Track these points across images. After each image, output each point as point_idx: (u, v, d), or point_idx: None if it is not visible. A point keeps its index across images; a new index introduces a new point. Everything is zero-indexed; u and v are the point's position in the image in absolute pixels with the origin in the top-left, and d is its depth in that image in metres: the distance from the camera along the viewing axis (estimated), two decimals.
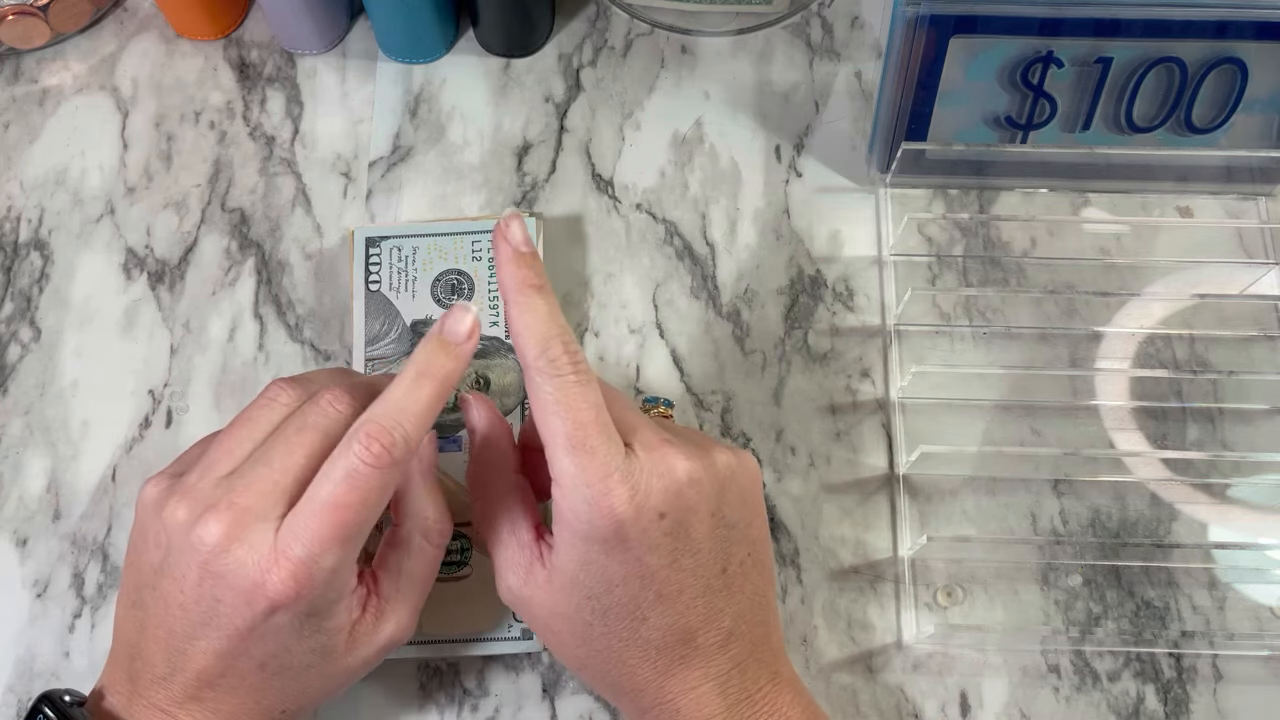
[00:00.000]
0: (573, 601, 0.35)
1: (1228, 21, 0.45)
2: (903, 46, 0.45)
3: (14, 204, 0.53)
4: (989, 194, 0.52)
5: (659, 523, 0.34)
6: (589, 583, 0.34)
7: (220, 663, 0.34)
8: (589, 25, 0.56)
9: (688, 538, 0.34)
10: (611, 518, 0.33)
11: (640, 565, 0.34)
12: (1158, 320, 0.49)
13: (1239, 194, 0.51)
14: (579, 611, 0.35)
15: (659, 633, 0.35)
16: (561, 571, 0.35)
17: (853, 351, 0.49)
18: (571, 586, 0.35)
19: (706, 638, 0.35)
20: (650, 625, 0.35)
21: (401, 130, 0.54)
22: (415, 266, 0.48)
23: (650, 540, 0.34)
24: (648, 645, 0.35)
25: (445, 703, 0.43)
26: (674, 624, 0.35)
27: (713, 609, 0.35)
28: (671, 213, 0.52)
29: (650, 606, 0.34)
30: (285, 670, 0.35)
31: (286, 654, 0.34)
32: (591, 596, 0.35)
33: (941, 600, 0.44)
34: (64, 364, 0.49)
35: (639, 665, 0.35)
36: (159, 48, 0.56)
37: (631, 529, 0.33)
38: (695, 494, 0.34)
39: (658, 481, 0.34)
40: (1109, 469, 0.46)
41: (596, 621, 0.35)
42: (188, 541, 0.33)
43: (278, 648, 0.34)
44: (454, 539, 0.44)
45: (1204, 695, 0.43)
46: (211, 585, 0.33)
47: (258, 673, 0.34)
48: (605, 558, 0.34)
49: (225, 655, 0.34)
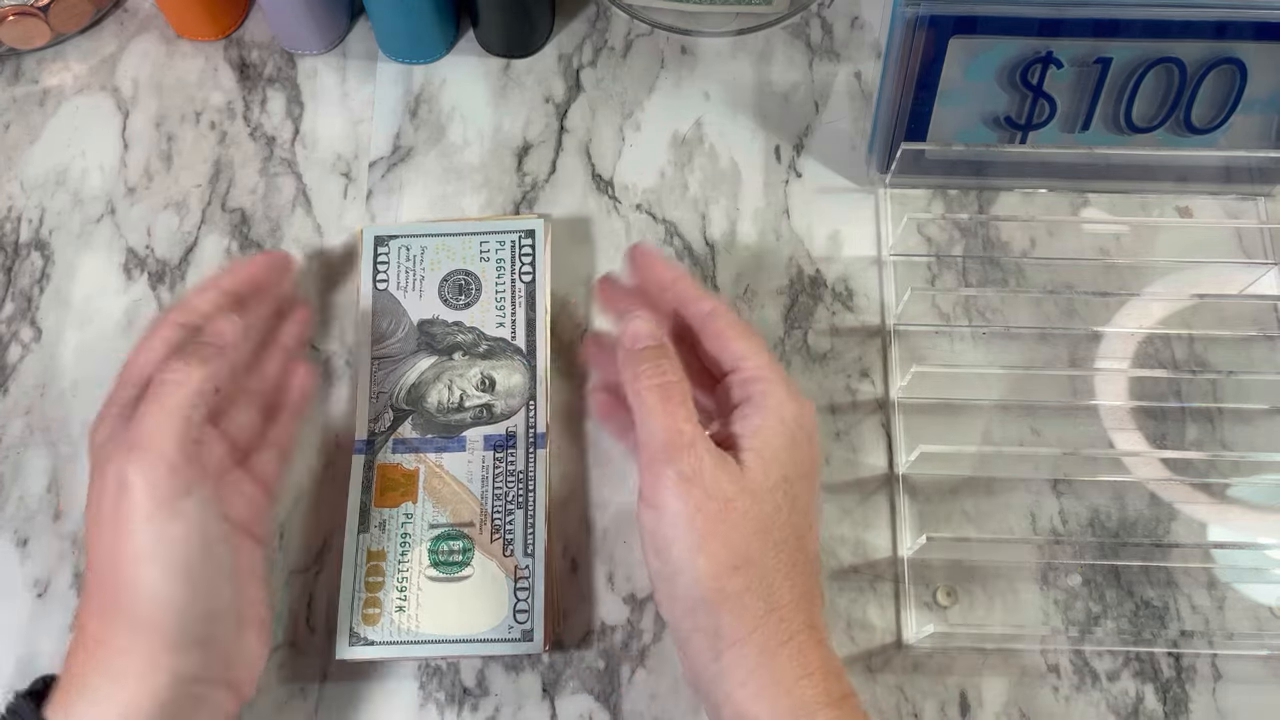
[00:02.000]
0: (770, 480, 0.36)
1: (1227, 22, 0.45)
2: (902, 47, 0.45)
3: (14, 204, 0.53)
4: (989, 194, 0.52)
5: (814, 436, 0.38)
6: (790, 463, 0.37)
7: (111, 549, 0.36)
8: (589, 26, 0.56)
9: (814, 470, 0.39)
10: (805, 409, 0.38)
11: (814, 465, 0.38)
12: (1157, 320, 0.49)
13: (1238, 194, 0.51)
14: (773, 493, 0.36)
15: (811, 553, 0.37)
16: (762, 451, 0.36)
17: (852, 351, 0.49)
18: (771, 464, 0.36)
19: (807, 565, 0.37)
20: (810, 538, 0.37)
21: (402, 130, 0.54)
22: (423, 266, 0.48)
23: (815, 448, 0.38)
24: (806, 558, 0.37)
25: (445, 703, 0.43)
26: (813, 558, 0.37)
27: (811, 541, 0.38)
28: (671, 213, 0.52)
29: (815, 515, 0.38)
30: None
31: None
32: (789, 479, 0.37)
33: (941, 600, 0.44)
34: (64, 364, 0.49)
35: (796, 578, 0.36)
36: (159, 48, 0.56)
37: (811, 429, 0.38)
38: (815, 431, 0.39)
39: (812, 418, 0.39)
40: (1108, 469, 0.46)
41: (785, 505, 0.36)
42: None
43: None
44: (456, 539, 0.44)
45: (1203, 695, 0.43)
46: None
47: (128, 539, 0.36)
48: (803, 443, 0.37)
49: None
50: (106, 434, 0.38)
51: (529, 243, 0.49)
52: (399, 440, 0.46)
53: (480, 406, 0.46)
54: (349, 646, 0.42)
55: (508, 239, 0.49)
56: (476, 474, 0.45)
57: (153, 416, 0.36)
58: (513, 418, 0.46)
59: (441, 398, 0.46)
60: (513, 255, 0.48)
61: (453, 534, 0.44)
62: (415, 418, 0.46)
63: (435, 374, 0.47)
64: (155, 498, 0.35)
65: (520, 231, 0.49)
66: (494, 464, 0.45)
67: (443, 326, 0.48)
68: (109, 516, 0.36)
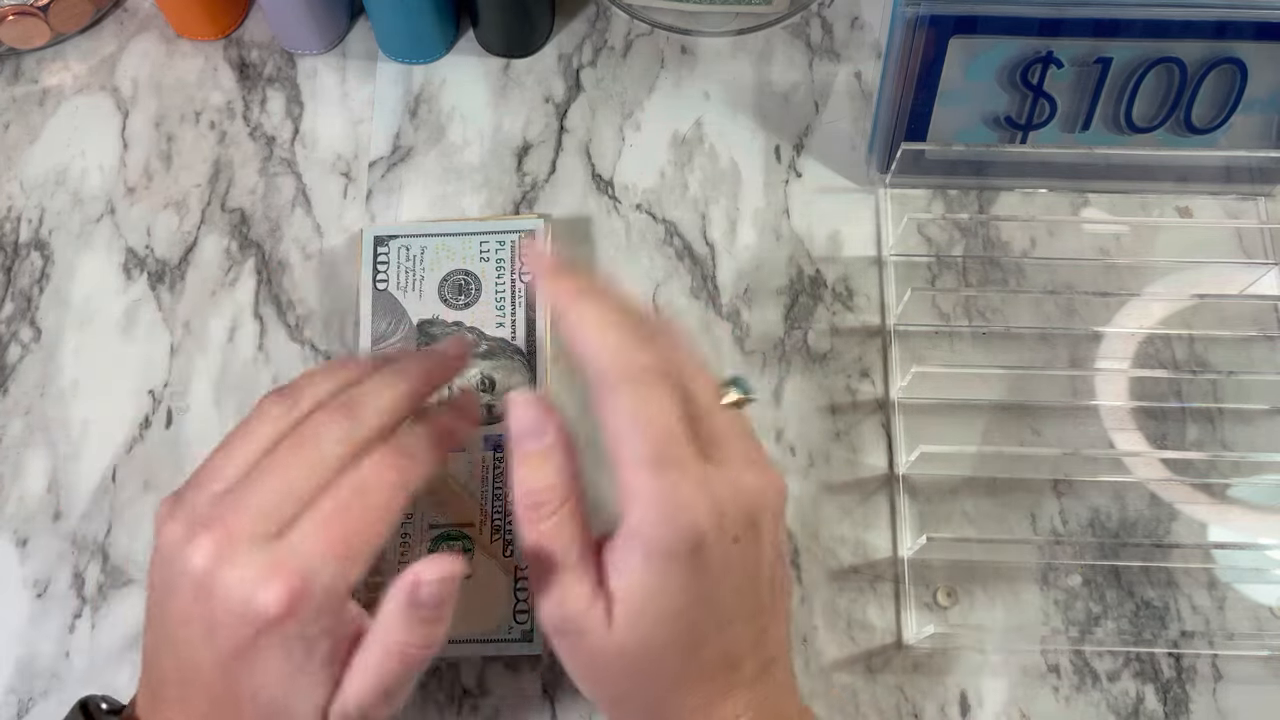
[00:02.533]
0: (638, 631, 0.32)
1: (1227, 21, 0.45)
2: (903, 46, 0.45)
3: (14, 204, 0.53)
4: (989, 194, 0.52)
5: (734, 546, 0.32)
6: (658, 608, 0.32)
7: (221, 682, 0.33)
8: (589, 25, 0.56)
9: (752, 563, 0.33)
10: (694, 534, 0.31)
11: (711, 588, 0.32)
12: (1157, 320, 0.49)
13: (1239, 194, 0.51)
14: (641, 642, 0.33)
15: (711, 663, 0.33)
16: (629, 598, 0.32)
17: (852, 351, 0.49)
18: (639, 615, 0.32)
19: (751, 665, 0.34)
20: (704, 654, 0.33)
21: (401, 130, 0.54)
22: (423, 266, 0.48)
23: (725, 561, 0.32)
24: (698, 676, 0.33)
25: (445, 702, 0.43)
26: (726, 651, 0.33)
27: (762, 634, 0.34)
28: (671, 213, 0.52)
29: (706, 636, 0.33)
30: (275, 713, 0.33)
31: (271, 688, 0.32)
32: (659, 623, 0.32)
33: (941, 600, 0.44)
34: (64, 364, 0.49)
35: (686, 696, 0.33)
36: (159, 48, 0.56)
37: (712, 549, 0.31)
38: (763, 518, 0.33)
39: (734, 503, 0.32)
40: (1109, 469, 0.46)
41: (655, 650, 0.33)
42: (182, 561, 0.32)
43: (268, 678, 0.32)
44: (456, 539, 0.44)
45: (1203, 695, 0.43)
46: (206, 605, 0.32)
47: (250, 704, 0.33)
48: (681, 577, 0.32)
49: (222, 676, 0.32)
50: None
51: None
52: None
53: (481, 407, 0.46)
54: None
55: (508, 239, 0.49)
56: (477, 474, 0.45)
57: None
58: None
59: (441, 398, 0.46)
60: (512, 255, 0.48)
61: (453, 534, 0.44)
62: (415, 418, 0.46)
63: None
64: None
65: (520, 232, 0.49)
66: (494, 464, 0.45)
67: (442, 327, 0.48)
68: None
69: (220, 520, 0.32)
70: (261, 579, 0.31)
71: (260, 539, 0.32)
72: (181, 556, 0.32)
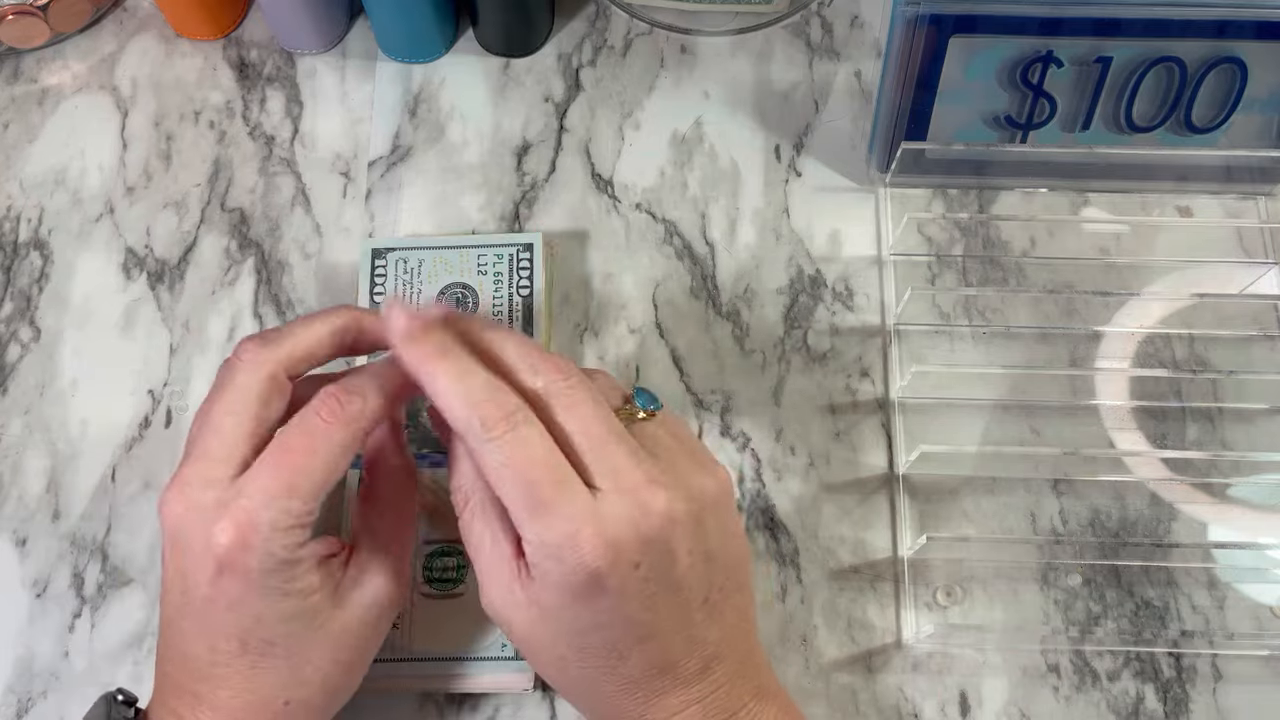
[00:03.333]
0: (548, 636, 0.34)
1: (1228, 21, 0.45)
2: (902, 46, 0.45)
3: (14, 203, 0.53)
4: (989, 194, 0.52)
5: (635, 572, 0.32)
6: (566, 624, 0.33)
7: (203, 644, 0.34)
8: (588, 25, 0.56)
9: (666, 580, 0.33)
10: (585, 571, 0.32)
11: (618, 613, 0.33)
12: (1157, 320, 0.49)
13: (1239, 194, 0.51)
14: (555, 646, 0.34)
15: (639, 669, 0.34)
16: (539, 605, 0.34)
17: (852, 351, 0.49)
18: (548, 623, 0.34)
19: (688, 666, 0.34)
20: (630, 663, 0.34)
21: (401, 130, 0.54)
22: (420, 279, 0.48)
23: (627, 589, 0.32)
24: (628, 680, 0.34)
25: (445, 702, 0.43)
26: (654, 659, 0.34)
27: (694, 639, 0.34)
28: (671, 212, 0.52)
29: (630, 647, 0.33)
30: (270, 647, 0.34)
31: (260, 625, 0.34)
32: (568, 635, 0.34)
33: (941, 600, 0.44)
34: (64, 364, 0.49)
35: (618, 696, 0.34)
36: (159, 47, 0.56)
37: (609, 579, 0.32)
38: (672, 535, 0.33)
39: (631, 529, 0.32)
40: (1109, 469, 0.46)
41: (573, 656, 0.34)
42: (162, 520, 0.34)
43: (248, 618, 0.34)
44: (450, 555, 0.44)
45: (1204, 695, 0.43)
46: (178, 558, 0.34)
47: (241, 655, 0.34)
48: (581, 606, 0.33)
49: (203, 634, 0.34)
50: None
51: (526, 256, 0.48)
52: None
53: None
54: None
55: (505, 253, 0.48)
56: None
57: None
58: None
59: None
60: (510, 269, 0.48)
61: (447, 550, 0.44)
62: (410, 432, 0.46)
63: None
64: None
65: (518, 245, 0.49)
66: None
67: None
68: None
69: (176, 475, 0.34)
70: (213, 519, 0.33)
71: (211, 482, 0.34)
72: (161, 516, 0.35)
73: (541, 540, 0.32)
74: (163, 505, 0.34)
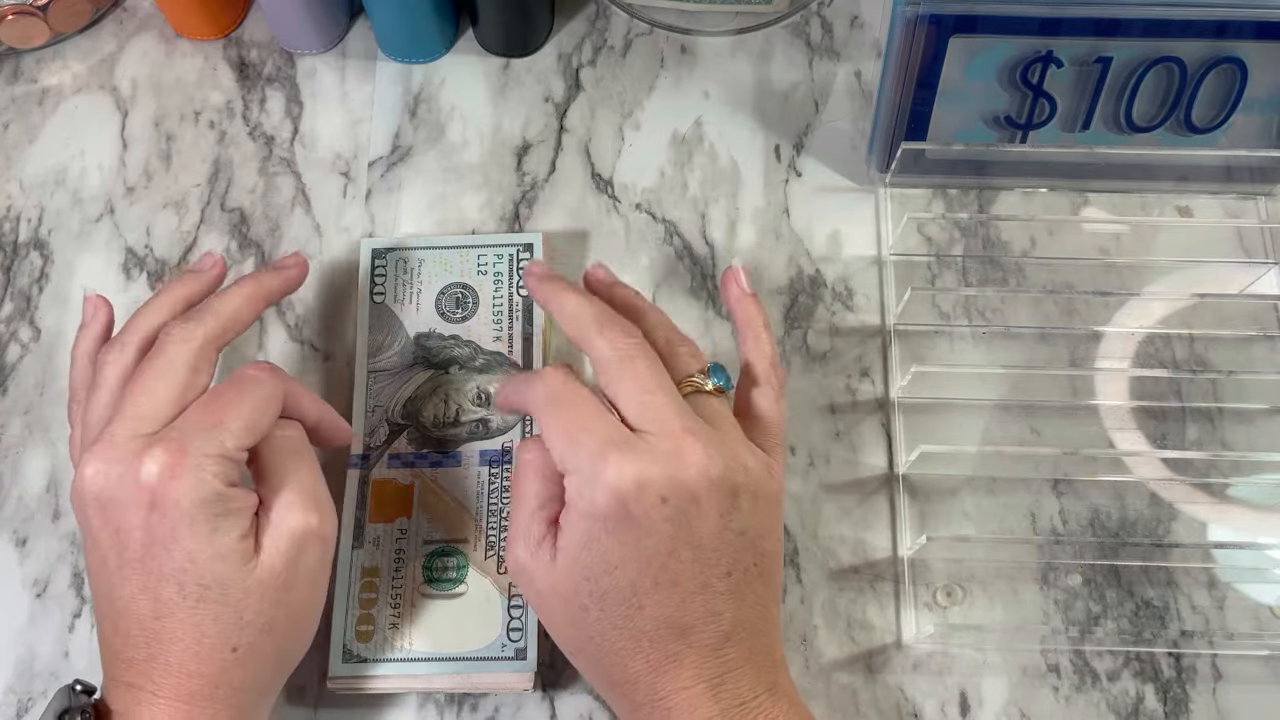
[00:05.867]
0: (572, 582, 0.35)
1: (1227, 21, 0.45)
2: (902, 46, 0.45)
3: (14, 203, 0.53)
4: (989, 194, 0.52)
5: (660, 506, 0.34)
6: (589, 562, 0.35)
7: (146, 598, 0.35)
8: (588, 25, 0.56)
9: (690, 530, 0.35)
10: (610, 492, 0.34)
11: (639, 548, 0.34)
12: (1157, 320, 0.49)
13: (1239, 194, 0.51)
14: (577, 594, 0.35)
15: (653, 623, 0.35)
16: (565, 550, 0.35)
17: (852, 351, 0.49)
18: (572, 566, 0.35)
19: (701, 636, 0.35)
20: (645, 614, 0.35)
21: (401, 130, 0.54)
22: (420, 279, 0.48)
23: (650, 522, 0.34)
24: (641, 635, 0.35)
25: (445, 702, 0.43)
26: (669, 615, 0.35)
27: (711, 609, 0.35)
28: (671, 212, 0.52)
29: (646, 593, 0.34)
30: (205, 590, 0.35)
31: (194, 565, 0.35)
32: (590, 578, 0.35)
33: (941, 600, 0.44)
34: (64, 364, 0.49)
35: (631, 656, 0.35)
36: (159, 47, 0.56)
37: (633, 506, 0.34)
38: (704, 489, 0.35)
39: (664, 466, 0.34)
40: (1109, 469, 0.46)
41: (593, 605, 0.35)
42: (82, 495, 0.35)
43: (181, 556, 0.34)
44: (450, 555, 0.44)
45: (1203, 695, 0.43)
46: (109, 516, 0.35)
47: (180, 600, 0.35)
48: (606, 535, 0.34)
49: (145, 586, 0.35)
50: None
51: (526, 256, 0.48)
52: (394, 455, 0.45)
53: (476, 421, 0.46)
54: (341, 663, 0.42)
55: (505, 252, 0.48)
56: (472, 489, 0.45)
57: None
58: (509, 433, 0.45)
59: (437, 412, 0.46)
60: (510, 269, 0.48)
61: (447, 550, 0.44)
62: (411, 432, 0.46)
63: (431, 388, 0.47)
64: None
65: (518, 245, 0.49)
66: (489, 479, 0.45)
67: (439, 340, 0.47)
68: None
69: (100, 438, 0.35)
70: (142, 455, 0.35)
71: (140, 436, 0.35)
72: (80, 489, 0.35)
73: (576, 461, 0.35)
74: (84, 467, 0.35)
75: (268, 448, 0.38)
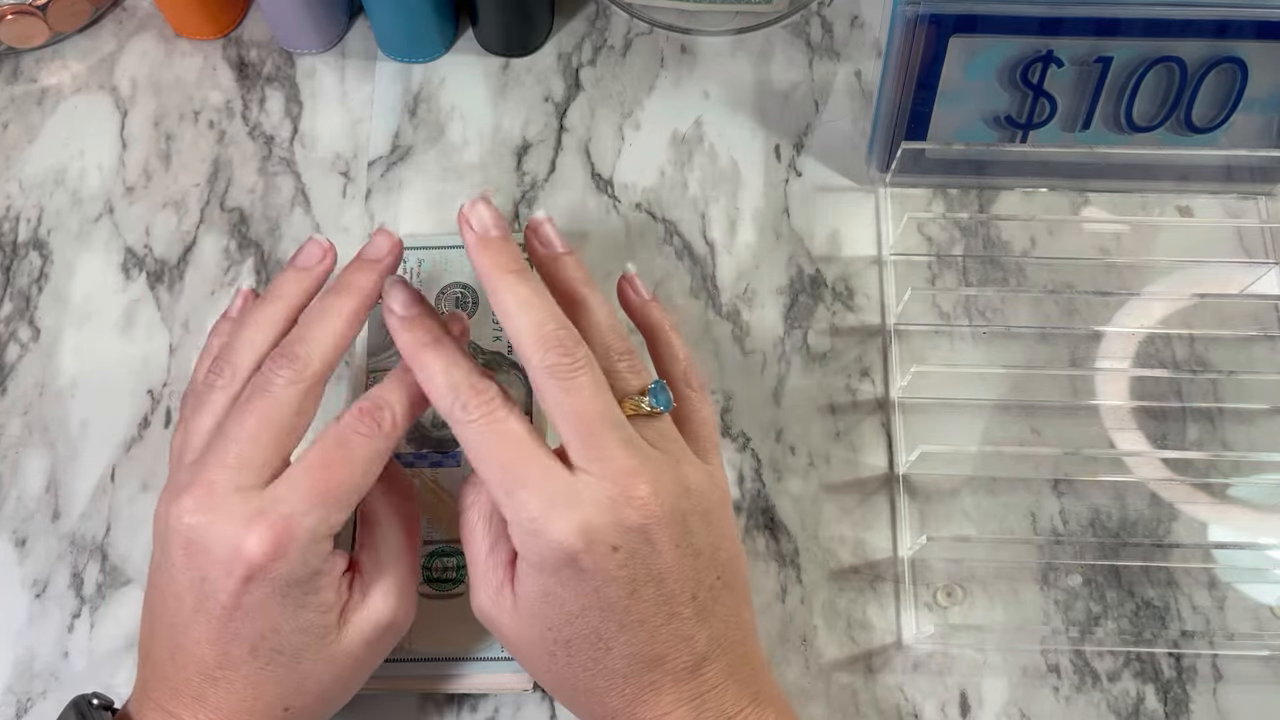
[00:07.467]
0: (534, 631, 0.34)
1: (1228, 21, 0.45)
2: (902, 46, 0.45)
3: (13, 203, 0.53)
4: (989, 193, 0.52)
5: (612, 555, 0.33)
6: (549, 614, 0.34)
7: (214, 649, 0.34)
8: (588, 25, 0.56)
9: (647, 569, 0.33)
10: (558, 549, 0.32)
11: (598, 596, 0.33)
12: (1157, 320, 0.49)
13: (1239, 193, 0.51)
14: (542, 641, 0.34)
15: (624, 661, 0.34)
16: (523, 600, 0.34)
17: (852, 351, 0.49)
18: (533, 617, 0.34)
19: (676, 663, 0.34)
20: (615, 654, 0.34)
21: (401, 130, 0.54)
22: (420, 279, 0.48)
23: (605, 571, 0.33)
24: (614, 674, 0.34)
25: (444, 702, 0.43)
26: (640, 652, 0.34)
27: (681, 634, 0.34)
28: (671, 212, 0.52)
29: (613, 636, 0.34)
30: (278, 655, 0.34)
31: (275, 634, 0.34)
32: (552, 628, 0.34)
33: (941, 600, 0.44)
34: (63, 364, 0.49)
35: (606, 693, 0.34)
36: (158, 47, 0.56)
37: (584, 559, 0.32)
38: (654, 526, 0.33)
39: (610, 513, 0.33)
40: (1109, 469, 0.46)
41: (559, 652, 0.34)
42: (169, 529, 0.34)
43: (265, 626, 0.34)
44: (450, 556, 0.44)
45: (1204, 695, 0.43)
46: (197, 564, 0.34)
47: (250, 660, 0.34)
48: (562, 589, 0.33)
49: (217, 640, 0.34)
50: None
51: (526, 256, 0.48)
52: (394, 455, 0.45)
53: None
54: None
55: None
56: None
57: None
58: None
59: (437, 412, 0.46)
60: None
61: (446, 550, 0.44)
62: (410, 432, 0.46)
63: None
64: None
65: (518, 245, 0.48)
66: None
67: None
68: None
69: (199, 480, 0.34)
70: (247, 525, 0.33)
71: (242, 490, 0.34)
72: (170, 524, 0.34)
73: (517, 518, 0.33)
74: (180, 506, 0.34)
75: (375, 514, 0.38)
